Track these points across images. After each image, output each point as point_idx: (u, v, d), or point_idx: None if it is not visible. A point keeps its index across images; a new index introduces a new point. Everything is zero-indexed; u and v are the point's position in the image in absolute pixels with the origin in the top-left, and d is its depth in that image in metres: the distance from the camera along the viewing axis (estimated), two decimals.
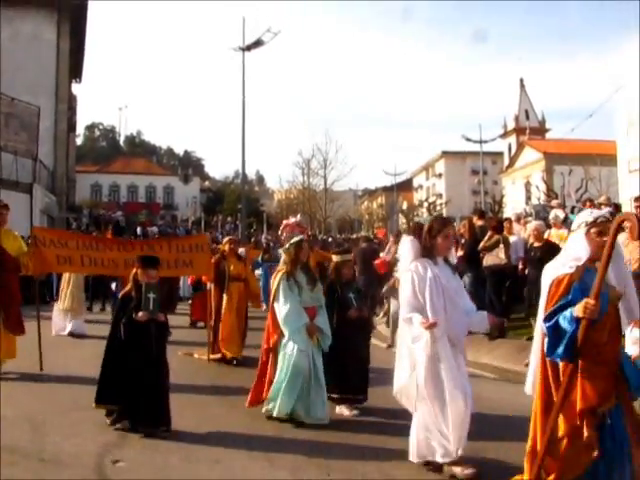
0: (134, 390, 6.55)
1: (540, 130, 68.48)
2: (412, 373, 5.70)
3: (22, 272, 9.93)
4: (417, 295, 5.65)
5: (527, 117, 69.12)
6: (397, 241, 15.96)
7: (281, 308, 7.29)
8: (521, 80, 72.32)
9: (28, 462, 5.89)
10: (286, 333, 7.25)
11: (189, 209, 71.82)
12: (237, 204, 54.98)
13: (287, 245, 7.82)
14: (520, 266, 13.06)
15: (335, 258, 8.52)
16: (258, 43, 31.07)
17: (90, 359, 8.81)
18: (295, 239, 7.82)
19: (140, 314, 6.60)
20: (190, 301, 17.22)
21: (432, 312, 5.56)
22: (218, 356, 11.21)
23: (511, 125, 70.31)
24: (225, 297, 11.36)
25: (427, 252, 5.84)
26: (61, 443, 6.38)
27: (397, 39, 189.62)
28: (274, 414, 7.18)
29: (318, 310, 7.52)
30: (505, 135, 69.87)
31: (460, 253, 13.54)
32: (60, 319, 13.94)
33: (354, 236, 40.71)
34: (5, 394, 8.01)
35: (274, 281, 7.57)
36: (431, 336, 5.53)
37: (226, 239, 12.73)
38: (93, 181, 73.62)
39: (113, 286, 15.14)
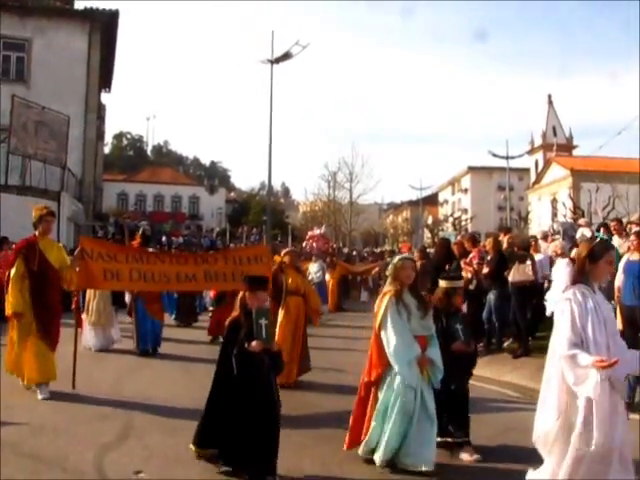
0: (244, 432, 5.71)
1: (567, 147, 68.04)
2: (559, 418, 4.99)
3: (64, 287, 9.48)
4: (577, 328, 4.92)
5: (554, 134, 68.68)
6: (422, 256, 15.94)
7: (389, 337, 6.34)
8: (549, 96, 71.96)
9: (51, 471, 5.94)
10: (395, 366, 6.30)
11: (214, 220, 72.10)
12: (262, 215, 55.09)
13: (392, 262, 6.85)
14: (546, 284, 12.96)
15: (444, 284, 7.49)
16: (286, 56, 31.15)
17: (117, 373, 9.28)
18: (399, 256, 7.00)
19: (253, 344, 5.73)
20: (210, 314, 16.54)
21: (594, 349, 4.84)
22: None
23: (538, 141, 69.90)
24: (281, 312, 10.58)
25: (584, 278, 5.21)
26: (84, 453, 6.42)
27: (426, 55, 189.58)
28: (376, 460, 6.31)
29: (429, 340, 6.55)
30: (532, 151, 69.48)
31: (485, 270, 13.49)
32: (87, 333, 13.50)
33: (378, 250, 40.69)
34: (30, 403, 8.09)
35: (379, 304, 6.59)
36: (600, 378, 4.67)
37: (285, 250, 11.98)
38: (120, 190, 74.03)
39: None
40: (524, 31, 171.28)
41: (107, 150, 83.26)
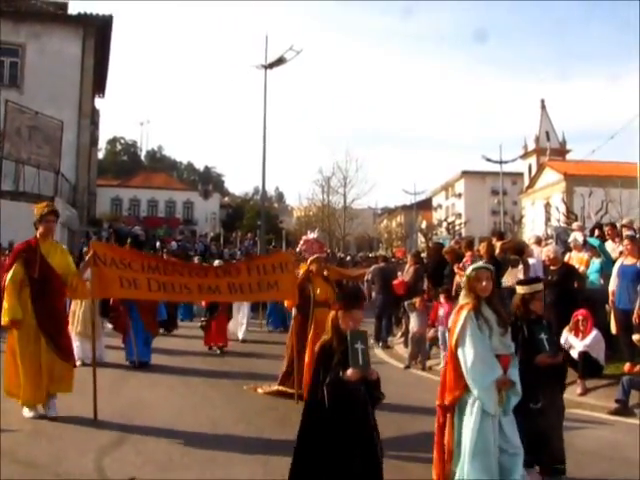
0: (340, 473, 4.91)
1: (561, 151, 68.24)
2: None
3: (68, 296, 8.70)
4: None
5: (548, 138, 68.85)
6: (416, 261, 15.97)
7: (467, 356, 5.55)
8: (542, 101, 72.20)
9: (44, 476, 5.93)
10: (473, 389, 5.49)
11: (208, 225, 72.04)
12: (256, 220, 55.02)
13: (468, 270, 6.08)
14: None
15: (521, 289, 6.72)
16: (280, 61, 31.17)
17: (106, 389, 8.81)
18: (473, 266, 6.10)
19: (349, 372, 4.88)
20: (202, 323, 15.40)
21: None
22: (289, 390, 9.66)
23: (532, 146, 70.08)
24: (312, 326, 9.54)
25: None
26: (77, 459, 6.41)
27: (419, 60, 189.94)
28: None
29: (511, 360, 5.74)
30: (525, 156, 69.64)
31: None
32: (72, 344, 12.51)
33: (372, 254, 40.68)
34: (18, 409, 8.07)
35: (456, 318, 5.83)
36: None
37: (312, 257, 10.65)
38: (114, 195, 73.96)
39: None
40: (518, 36, 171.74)
41: (101, 155, 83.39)
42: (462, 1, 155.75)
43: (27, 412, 7.92)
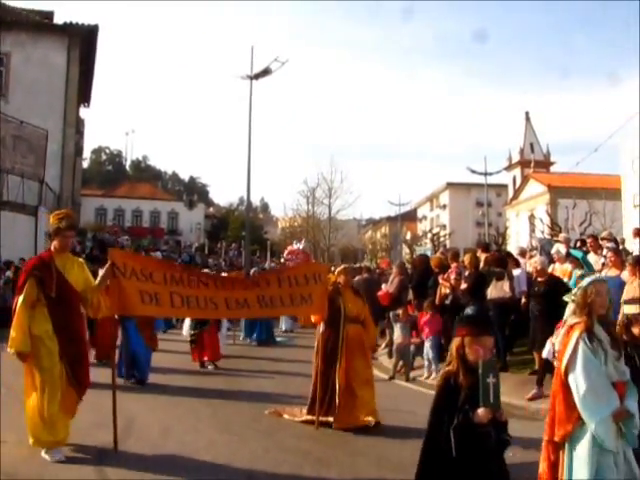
0: None
1: (545, 163, 68.55)
2: None
3: (89, 315, 7.53)
4: None
5: (532, 150, 69.14)
6: (401, 272, 16.01)
7: (580, 385, 4.80)
8: (527, 113, 72.48)
9: None
10: (589, 422, 4.76)
11: (193, 235, 71.98)
12: (241, 231, 55.04)
13: (584, 282, 5.39)
14: (523, 300, 13.03)
15: (630, 309, 5.85)
16: (266, 72, 31.25)
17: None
18: (591, 278, 5.47)
19: (481, 412, 4.09)
20: (192, 337, 14.47)
21: None
22: (325, 419, 8.64)
23: (516, 158, 70.33)
24: (343, 344, 8.83)
25: None
26: (62, 469, 6.38)
27: (403, 72, 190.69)
28: None
29: (627, 387, 4.96)
30: (510, 168, 69.89)
31: (464, 286, 13.56)
32: None
33: (357, 265, 40.74)
34: (5, 420, 8.00)
35: (566, 340, 5.10)
36: None
37: (340, 268, 9.87)
38: (98, 205, 73.75)
39: None
40: (502, 48, 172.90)
41: (85, 165, 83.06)
42: (448, 13, 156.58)
43: (51, 455, 6.73)
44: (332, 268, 12.44)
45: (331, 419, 8.56)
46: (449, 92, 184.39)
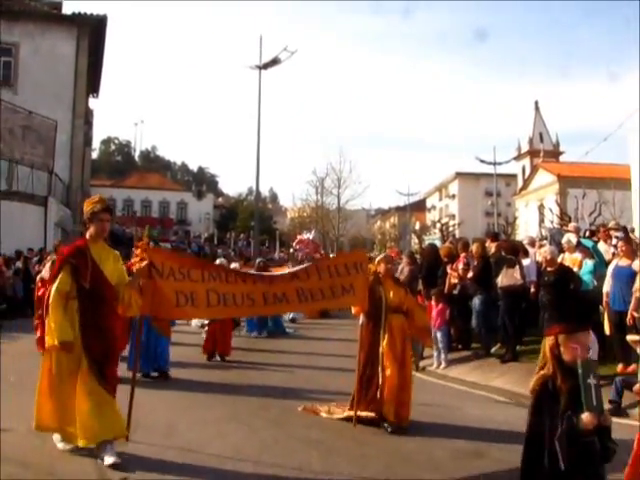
0: None
1: (554, 153, 68.28)
2: None
3: (119, 312, 6.76)
4: None
5: (541, 140, 68.87)
6: (411, 262, 15.98)
7: None
8: (536, 102, 72.21)
9: (38, 476, 5.94)
10: None
11: (202, 225, 72.11)
12: (250, 221, 55.10)
13: None
14: (532, 289, 13.00)
15: None
16: (275, 61, 31.25)
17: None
18: None
19: (586, 417, 3.80)
20: (205, 328, 13.91)
21: None
22: (365, 415, 8.23)
23: (525, 147, 70.10)
24: (385, 336, 8.35)
25: None
26: (70, 458, 6.39)
27: (412, 61, 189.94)
28: None
29: None
30: (519, 157, 69.69)
31: (470, 275, 13.56)
32: None
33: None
34: (16, 407, 8.03)
35: None
36: None
37: (380, 256, 9.43)
38: (107, 195, 72.63)
39: None
40: (512, 37, 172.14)
41: (95, 155, 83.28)
42: (456, 2, 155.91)
43: (61, 444, 6.58)
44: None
45: (373, 414, 8.13)
46: (458, 82, 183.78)
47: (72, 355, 6.26)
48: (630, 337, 10.30)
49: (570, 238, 14.09)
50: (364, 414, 8.16)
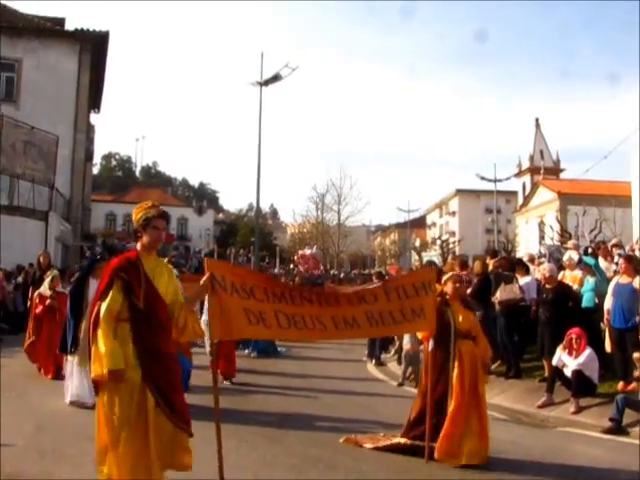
0: None
1: (555, 170, 68.41)
2: None
3: (174, 336, 5.63)
4: None
5: (542, 157, 69.01)
6: None
7: None
8: (536, 120, 72.44)
9: None
10: None
11: (202, 241, 72.13)
12: (250, 237, 55.16)
13: None
14: (533, 307, 12.99)
15: None
16: (276, 78, 31.37)
17: None
18: None
19: None
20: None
21: None
22: (418, 444, 7.52)
23: (526, 164, 70.24)
24: (456, 364, 7.55)
25: None
26: (71, 473, 6.38)
27: (414, 79, 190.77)
28: None
29: None
30: (519, 174, 69.81)
31: (468, 291, 13.55)
32: (78, 380, 9.63)
33: (367, 272, 40.74)
34: (14, 424, 8.03)
35: None
36: None
37: (448, 275, 8.33)
38: (108, 210, 74.01)
39: None
40: (513, 54, 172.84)
41: (96, 171, 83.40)
42: (456, 18, 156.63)
43: None
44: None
45: (434, 445, 7.32)
46: (458, 99, 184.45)
47: (132, 389, 5.20)
48: (637, 355, 10.38)
49: (572, 255, 14.12)
50: (421, 443, 7.44)
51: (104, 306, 5.28)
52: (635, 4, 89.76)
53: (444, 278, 8.25)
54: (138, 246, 5.61)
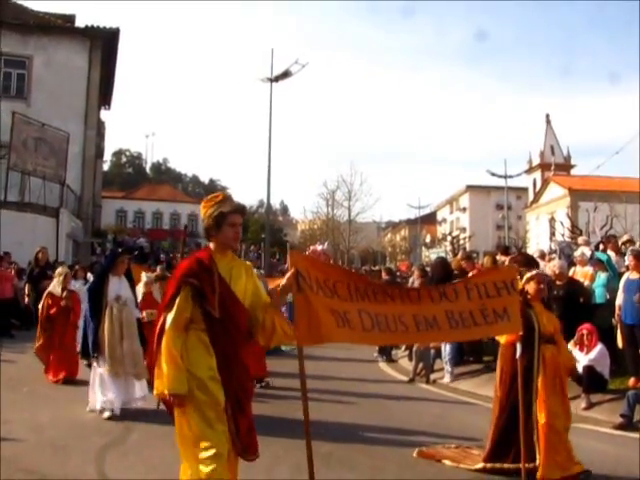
0: None
1: (565, 166, 68.22)
2: None
3: (259, 341, 4.98)
4: None
5: (552, 153, 68.82)
6: (421, 275, 15.97)
7: None
8: (547, 116, 72.21)
9: None
10: None
11: None
12: (261, 233, 55.15)
13: None
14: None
15: None
16: (286, 74, 31.33)
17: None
18: None
19: None
20: None
21: None
22: (508, 467, 6.81)
23: (536, 161, 70.08)
24: (540, 371, 6.88)
25: None
26: (83, 467, 6.42)
27: (423, 75, 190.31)
28: None
29: None
30: (530, 170, 69.63)
31: None
32: (107, 385, 8.95)
33: (377, 268, 40.72)
34: (26, 419, 8.08)
35: None
36: None
37: (531, 274, 7.43)
38: (119, 207, 74.08)
39: None
40: (522, 50, 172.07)
41: (106, 167, 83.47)
42: (466, 16, 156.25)
43: None
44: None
45: (521, 466, 6.52)
46: (470, 95, 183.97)
47: (216, 410, 4.53)
48: None
49: (584, 251, 14.08)
50: (512, 466, 6.76)
51: (169, 318, 4.63)
52: None
53: (525, 277, 7.47)
54: (211, 245, 4.94)
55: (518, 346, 6.82)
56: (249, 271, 5.02)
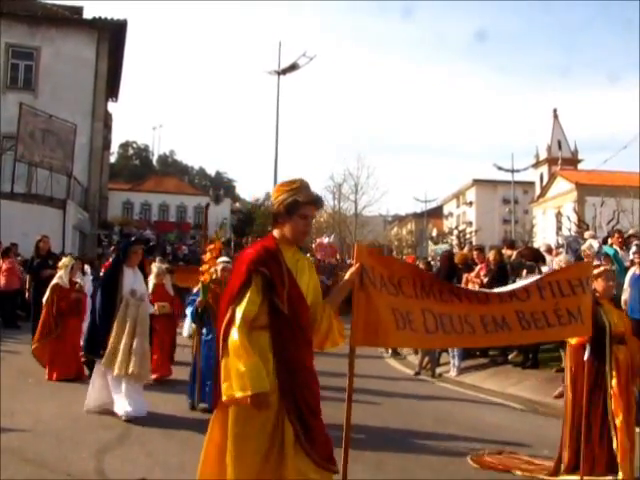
0: None
1: (572, 161, 68.01)
2: None
3: (316, 345, 4.51)
4: None
5: (560, 147, 68.66)
6: (427, 269, 15.97)
7: None
8: (554, 110, 72.01)
9: (55, 477, 5.95)
10: None
11: (219, 230, 72.19)
12: (267, 226, 55.15)
13: None
14: None
15: None
16: (293, 67, 31.35)
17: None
18: None
19: None
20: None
21: None
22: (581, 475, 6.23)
23: (543, 155, 69.93)
24: (613, 374, 6.48)
25: None
26: (88, 459, 6.43)
27: (431, 68, 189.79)
28: None
29: None
30: (537, 165, 69.51)
31: (486, 280, 13.52)
32: (109, 389, 8.43)
33: None
34: (32, 410, 8.10)
35: None
36: None
37: (599, 270, 6.95)
38: (125, 199, 74.18)
39: None
40: (530, 44, 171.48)
41: (113, 159, 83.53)
42: (474, 9, 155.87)
43: None
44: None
45: (609, 478, 6.16)
46: (477, 88, 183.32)
47: (267, 416, 4.05)
48: None
49: (592, 244, 14.05)
50: (592, 479, 6.22)
51: (239, 311, 4.07)
52: None
53: (595, 272, 6.85)
54: (276, 234, 4.43)
55: (587, 348, 6.45)
56: (312, 267, 4.61)
